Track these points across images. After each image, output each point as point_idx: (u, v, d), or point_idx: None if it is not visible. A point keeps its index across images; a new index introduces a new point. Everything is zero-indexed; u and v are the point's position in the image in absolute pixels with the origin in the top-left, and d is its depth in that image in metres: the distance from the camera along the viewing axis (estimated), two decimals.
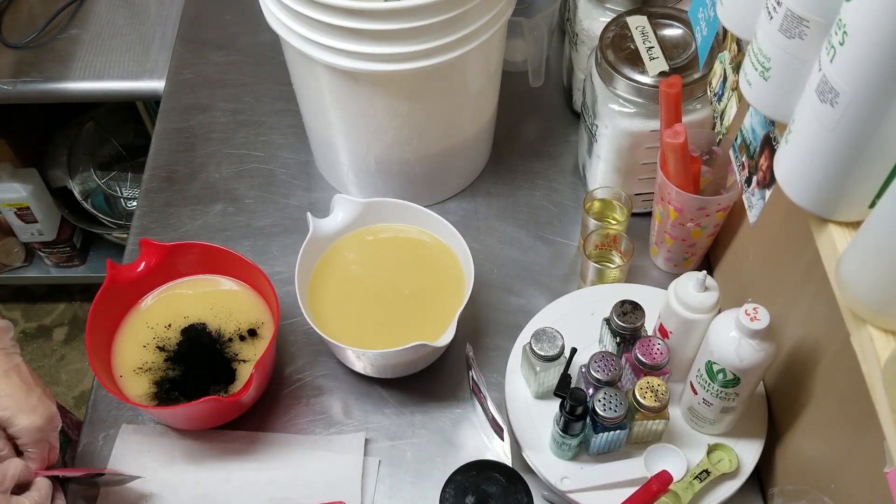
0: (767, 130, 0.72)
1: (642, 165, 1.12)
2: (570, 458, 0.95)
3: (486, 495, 0.84)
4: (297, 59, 1.06)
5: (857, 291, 0.58)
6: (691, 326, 0.91)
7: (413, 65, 0.98)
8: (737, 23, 0.73)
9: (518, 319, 1.08)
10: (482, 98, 1.16)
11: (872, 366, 0.57)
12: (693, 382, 0.92)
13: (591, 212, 1.12)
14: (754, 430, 0.96)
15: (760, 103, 0.68)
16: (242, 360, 1.03)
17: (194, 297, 1.08)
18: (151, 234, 1.08)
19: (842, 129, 0.56)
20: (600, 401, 0.90)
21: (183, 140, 1.33)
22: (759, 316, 0.81)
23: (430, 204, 1.20)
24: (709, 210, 1.02)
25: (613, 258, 1.12)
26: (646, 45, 1.06)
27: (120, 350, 1.04)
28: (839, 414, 0.81)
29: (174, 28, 1.52)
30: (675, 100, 0.97)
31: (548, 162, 1.29)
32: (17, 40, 1.53)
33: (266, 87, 1.39)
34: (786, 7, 0.60)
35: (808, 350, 0.87)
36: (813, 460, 0.87)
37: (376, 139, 1.13)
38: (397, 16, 0.93)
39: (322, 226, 1.08)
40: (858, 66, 0.52)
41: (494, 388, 1.05)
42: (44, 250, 1.97)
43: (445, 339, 0.96)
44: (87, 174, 1.85)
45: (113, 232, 1.93)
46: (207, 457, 1.01)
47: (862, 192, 0.60)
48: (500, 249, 1.20)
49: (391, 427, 1.04)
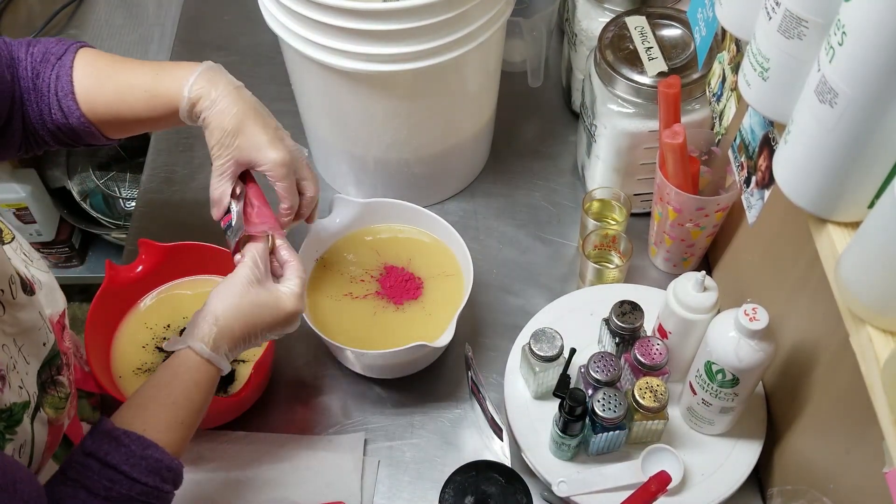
0: (766, 131, 0.72)
1: (641, 166, 1.12)
2: (569, 458, 0.95)
3: (485, 495, 0.84)
4: (296, 59, 1.06)
5: (856, 291, 0.58)
6: (690, 327, 0.91)
7: (412, 65, 0.98)
8: (736, 23, 0.73)
9: (517, 320, 1.08)
10: (481, 98, 1.16)
11: (871, 366, 0.57)
12: (692, 383, 0.92)
13: (590, 212, 1.12)
14: (753, 431, 0.96)
15: (759, 104, 0.68)
16: (242, 360, 1.03)
17: (193, 298, 1.08)
18: (150, 235, 1.08)
19: (841, 130, 0.56)
20: (599, 401, 0.90)
21: (181, 140, 1.33)
22: (758, 316, 0.81)
23: (430, 204, 1.20)
24: (708, 210, 1.02)
25: (612, 258, 1.12)
26: (645, 46, 1.06)
27: (119, 351, 1.04)
28: (838, 414, 0.81)
29: (173, 28, 1.52)
30: (673, 100, 0.97)
31: (547, 162, 1.29)
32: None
33: (265, 87, 1.37)
34: (785, 7, 0.60)
35: (807, 350, 0.87)
36: (812, 460, 0.87)
37: (375, 139, 1.13)
38: (396, 16, 0.93)
39: (321, 226, 1.08)
40: (857, 67, 0.52)
41: (493, 389, 1.05)
42: (42, 251, 1.96)
43: (444, 340, 0.96)
44: (86, 174, 1.85)
45: (112, 232, 1.93)
46: (207, 457, 1.01)
47: (861, 193, 0.60)
48: (499, 250, 1.20)
49: (390, 427, 1.04)
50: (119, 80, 0.87)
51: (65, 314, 0.82)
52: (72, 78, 0.85)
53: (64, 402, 0.76)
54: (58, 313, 0.80)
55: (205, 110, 0.84)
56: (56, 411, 0.74)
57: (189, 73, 0.85)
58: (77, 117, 0.85)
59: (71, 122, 0.85)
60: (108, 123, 0.88)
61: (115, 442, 0.70)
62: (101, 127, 0.87)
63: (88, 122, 0.86)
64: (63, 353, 0.78)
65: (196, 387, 0.77)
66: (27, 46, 0.86)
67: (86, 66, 0.86)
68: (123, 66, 0.88)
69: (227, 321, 0.80)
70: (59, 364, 0.76)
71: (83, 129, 0.86)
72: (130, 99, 0.86)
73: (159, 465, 0.71)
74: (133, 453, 0.70)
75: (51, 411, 0.73)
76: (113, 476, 0.68)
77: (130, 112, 0.87)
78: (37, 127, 0.86)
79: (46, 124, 0.86)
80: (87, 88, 0.85)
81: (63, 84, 0.84)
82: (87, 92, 0.85)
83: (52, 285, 0.81)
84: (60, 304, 0.81)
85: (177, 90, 0.84)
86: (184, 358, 0.78)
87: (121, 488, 0.69)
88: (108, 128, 0.88)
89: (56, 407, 0.74)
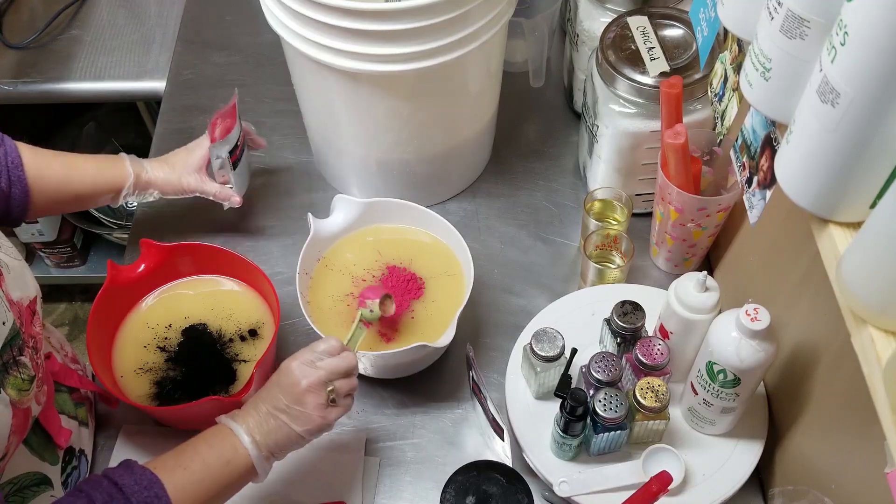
0: (768, 131, 0.72)
1: (643, 166, 1.12)
2: (570, 458, 0.95)
3: (486, 495, 0.84)
4: (298, 59, 1.06)
5: (857, 292, 0.58)
6: (692, 327, 0.91)
7: (414, 65, 0.98)
8: (738, 23, 0.73)
9: (518, 320, 1.08)
10: (483, 98, 1.16)
11: (873, 366, 0.57)
12: (693, 383, 0.92)
13: (592, 212, 1.12)
14: (755, 431, 0.96)
15: (761, 104, 0.68)
16: (243, 360, 1.03)
17: (195, 298, 1.08)
18: (152, 235, 1.08)
19: (843, 130, 0.56)
20: (601, 401, 0.90)
21: (184, 140, 1.32)
22: (759, 316, 0.81)
23: (431, 204, 1.20)
24: (709, 210, 1.02)
25: (614, 258, 1.12)
26: (646, 46, 1.06)
27: (120, 350, 1.04)
28: (839, 414, 0.81)
29: (175, 28, 1.52)
30: (675, 100, 0.97)
31: (548, 162, 1.29)
32: (18, 41, 1.53)
33: (266, 87, 1.39)
34: (787, 7, 0.60)
35: (808, 350, 0.87)
36: (813, 461, 0.87)
37: (377, 140, 1.13)
38: (398, 16, 0.93)
39: (323, 226, 1.08)
40: (859, 67, 0.52)
41: (495, 389, 1.05)
42: (44, 250, 1.97)
43: (446, 340, 0.96)
44: None
45: (113, 232, 1.93)
46: None
47: (863, 193, 0.60)
48: (500, 250, 1.20)
49: (392, 427, 1.04)
50: (65, 159, 1.03)
51: (36, 301, 0.85)
52: (19, 154, 0.97)
53: (28, 384, 0.79)
54: (28, 298, 0.83)
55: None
56: (19, 393, 0.78)
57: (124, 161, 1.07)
58: (22, 187, 0.96)
59: (13, 191, 0.96)
60: (48, 197, 0.99)
61: (129, 470, 0.77)
62: (37, 199, 0.98)
63: (28, 193, 0.97)
64: (31, 336, 0.81)
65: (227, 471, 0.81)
66: None
67: (27, 148, 0.99)
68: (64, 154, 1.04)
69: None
70: (20, 345, 0.78)
71: (19, 199, 0.97)
72: (76, 173, 1.03)
73: (157, 501, 0.75)
74: (139, 482, 0.76)
75: (13, 392, 0.77)
76: (114, 493, 0.75)
77: (78, 185, 1.03)
78: None
79: None
80: (36, 163, 0.98)
81: (12, 158, 0.96)
82: (36, 166, 0.98)
83: (23, 271, 0.84)
84: (32, 290, 0.85)
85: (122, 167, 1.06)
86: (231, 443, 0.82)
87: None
88: (44, 202, 0.99)
89: (19, 388, 0.78)
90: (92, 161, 1.06)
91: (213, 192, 1.14)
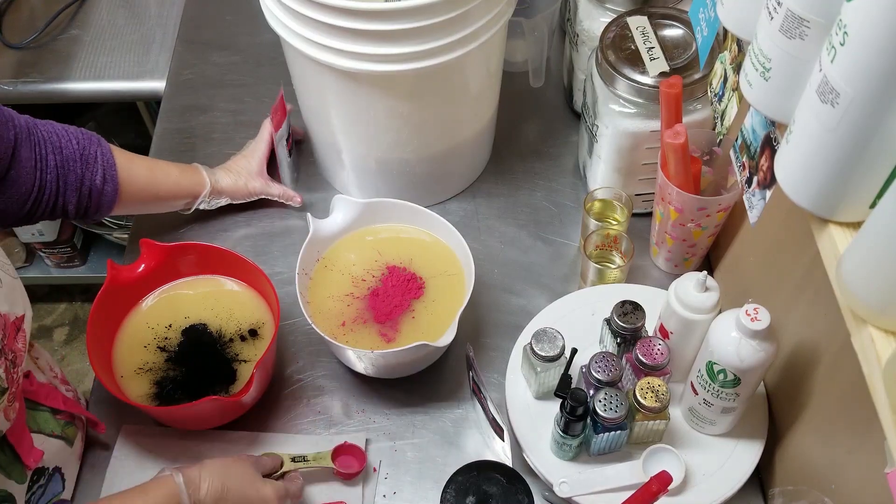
0: (768, 131, 0.72)
1: (643, 166, 1.12)
2: (570, 458, 0.95)
3: (486, 495, 0.84)
4: (298, 59, 1.06)
5: (857, 292, 0.58)
6: (692, 327, 0.91)
7: (414, 65, 0.98)
8: (737, 23, 0.73)
9: (518, 320, 1.08)
10: (482, 98, 1.16)
11: (873, 366, 0.57)
12: (693, 383, 0.92)
13: (592, 212, 1.12)
14: (755, 431, 0.96)
15: (761, 103, 0.68)
16: (243, 360, 1.03)
17: (195, 298, 1.08)
18: (152, 235, 1.08)
19: (843, 130, 0.56)
20: (601, 401, 0.90)
21: (184, 140, 1.33)
22: (759, 316, 0.81)
23: (431, 204, 1.20)
24: (709, 210, 1.02)
25: (614, 258, 1.12)
26: (646, 46, 1.06)
27: (121, 350, 1.04)
28: (840, 414, 0.81)
29: (174, 28, 1.52)
30: (675, 100, 0.97)
31: (548, 162, 1.29)
32: (17, 41, 1.54)
33: (266, 87, 1.39)
34: (786, 7, 0.60)
35: (808, 350, 0.87)
36: (813, 460, 0.87)
37: (377, 139, 1.13)
38: (398, 16, 0.93)
39: (322, 226, 1.08)
40: (859, 67, 0.52)
41: (495, 389, 1.05)
42: (44, 251, 1.97)
43: (446, 340, 0.96)
44: None
45: (114, 232, 1.93)
46: (208, 457, 1.00)
47: (863, 193, 0.60)
48: (500, 250, 1.20)
49: (392, 427, 1.04)
50: (150, 163, 1.11)
51: (23, 319, 0.85)
52: (113, 156, 1.04)
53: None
54: (15, 315, 0.83)
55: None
56: None
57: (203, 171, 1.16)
58: (114, 185, 1.03)
59: (106, 188, 1.02)
60: (132, 196, 1.06)
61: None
62: (124, 198, 1.05)
63: (118, 191, 1.04)
64: (11, 350, 0.81)
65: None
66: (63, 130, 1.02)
67: (118, 150, 1.06)
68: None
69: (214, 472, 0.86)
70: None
71: (110, 196, 1.03)
72: (161, 176, 1.10)
73: None
74: None
75: None
76: None
77: (162, 188, 1.10)
78: (68, 192, 0.99)
79: (82, 189, 1.00)
80: (126, 164, 1.06)
81: (108, 158, 1.03)
82: (126, 167, 1.05)
83: (15, 288, 0.84)
84: (20, 308, 0.84)
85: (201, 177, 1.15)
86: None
87: None
88: (128, 201, 1.06)
89: None
90: (174, 167, 1.13)
91: (278, 193, 1.21)
